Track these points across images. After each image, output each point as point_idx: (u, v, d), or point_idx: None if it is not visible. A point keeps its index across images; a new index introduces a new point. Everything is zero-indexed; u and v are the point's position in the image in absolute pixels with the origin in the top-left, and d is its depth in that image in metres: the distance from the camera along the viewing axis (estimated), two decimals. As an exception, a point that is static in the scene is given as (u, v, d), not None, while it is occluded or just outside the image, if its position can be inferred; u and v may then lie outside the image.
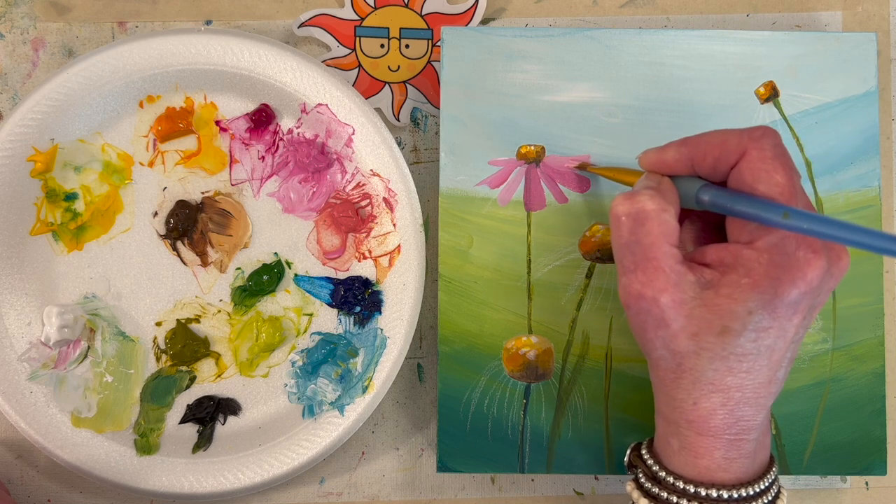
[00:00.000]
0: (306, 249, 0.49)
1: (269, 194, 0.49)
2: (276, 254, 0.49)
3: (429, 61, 0.50)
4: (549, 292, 0.47)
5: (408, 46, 0.50)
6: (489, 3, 0.50)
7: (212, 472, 0.47)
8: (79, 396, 0.48)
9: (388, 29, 0.50)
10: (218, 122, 0.49)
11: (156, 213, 0.49)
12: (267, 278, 0.49)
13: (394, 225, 0.48)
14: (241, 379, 0.49)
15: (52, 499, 0.49)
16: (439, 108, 0.48)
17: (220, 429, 0.48)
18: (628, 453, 0.43)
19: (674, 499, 0.38)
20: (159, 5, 0.50)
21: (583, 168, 0.46)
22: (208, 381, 0.49)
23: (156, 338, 0.49)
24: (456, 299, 0.46)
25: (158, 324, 0.49)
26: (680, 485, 0.38)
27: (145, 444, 0.48)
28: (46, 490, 0.49)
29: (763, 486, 0.38)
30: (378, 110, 0.50)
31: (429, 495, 0.50)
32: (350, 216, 0.49)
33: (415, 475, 0.50)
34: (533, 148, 0.47)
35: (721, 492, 0.37)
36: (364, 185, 0.49)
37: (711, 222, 0.41)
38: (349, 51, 0.50)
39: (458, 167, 0.47)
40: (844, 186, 0.47)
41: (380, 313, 0.48)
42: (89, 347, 0.48)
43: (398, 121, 0.50)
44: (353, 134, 0.48)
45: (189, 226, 0.49)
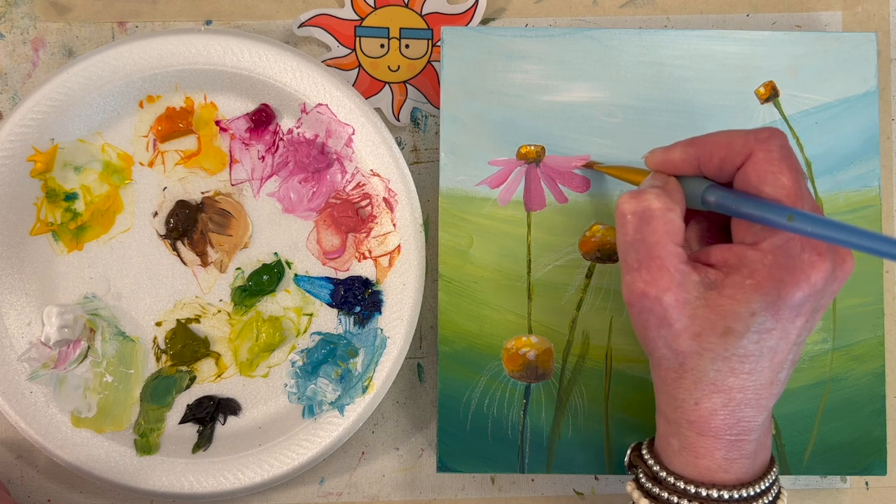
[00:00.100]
0: (306, 249, 0.49)
1: (269, 194, 0.49)
2: (276, 254, 0.49)
3: (429, 61, 0.50)
4: (549, 292, 0.47)
5: (408, 46, 0.50)
6: (489, 3, 0.50)
7: (212, 472, 0.47)
8: (79, 396, 0.48)
9: (388, 29, 0.50)
10: (218, 122, 0.49)
11: (156, 213, 0.49)
12: (267, 278, 0.49)
13: (394, 225, 0.48)
14: (241, 379, 0.49)
15: (52, 499, 0.49)
16: (439, 108, 0.48)
17: (220, 429, 0.48)
18: (628, 453, 0.43)
19: (674, 499, 0.38)
20: (159, 5, 0.50)
21: (590, 167, 0.46)
22: (208, 381, 0.49)
23: (156, 338, 0.49)
24: (456, 299, 0.46)
25: (158, 324, 0.49)
26: (680, 485, 0.38)
27: (145, 444, 0.47)
28: (46, 490, 0.49)
29: (763, 487, 0.38)
30: (378, 110, 0.50)
31: (429, 495, 0.50)
32: (350, 216, 0.49)
33: (415, 475, 0.50)
34: (533, 148, 0.47)
35: (721, 492, 0.37)
36: (364, 185, 0.49)
37: (717, 222, 0.41)
38: (349, 51, 0.50)
39: (458, 167, 0.47)
40: (844, 186, 0.47)
41: (380, 313, 0.48)
42: (89, 347, 0.48)
43: (398, 121, 0.50)
44: (353, 134, 0.48)
45: (189, 226, 0.49)
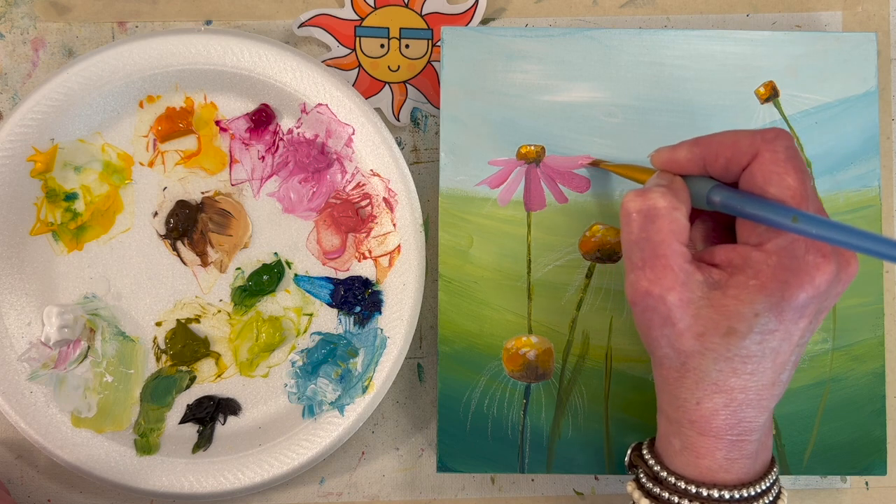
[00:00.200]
0: (306, 249, 0.49)
1: (269, 194, 0.49)
2: (276, 254, 0.49)
3: (429, 61, 0.50)
4: (549, 292, 0.47)
5: (408, 46, 0.50)
6: (489, 3, 0.50)
7: (212, 472, 0.47)
8: (79, 396, 0.48)
9: (388, 29, 0.50)
10: (218, 122, 0.49)
11: (156, 213, 0.49)
12: (267, 278, 0.49)
13: (394, 225, 0.48)
14: (241, 379, 0.49)
15: (52, 499, 0.49)
16: (439, 108, 0.48)
17: (220, 429, 0.48)
18: (629, 453, 0.43)
19: (675, 499, 0.38)
20: (159, 5, 0.50)
21: (596, 164, 0.46)
22: (208, 381, 0.49)
23: (156, 338, 0.49)
24: (456, 299, 0.46)
25: (158, 324, 0.49)
26: (681, 485, 0.38)
27: (145, 444, 0.47)
28: (46, 490, 0.49)
29: (764, 487, 0.38)
30: (378, 110, 0.50)
31: (429, 495, 0.50)
32: (350, 216, 0.49)
33: (415, 475, 0.50)
34: (533, 148, 0.47)
35: (722, 492, 0.37)
36: (364, 185, 0.49)
37: (722, 222, 0.41)
38: (349, 51, 0.50)
39: (458, 167, 0.47)
40: (844, 186, 0.47)
41: (380, 313, 0.48)
42: (89, 347, 0.48)
43: (398, 121, 0.50)
44: (353, 134, 0.48)
45: (189, 226, 0.49)
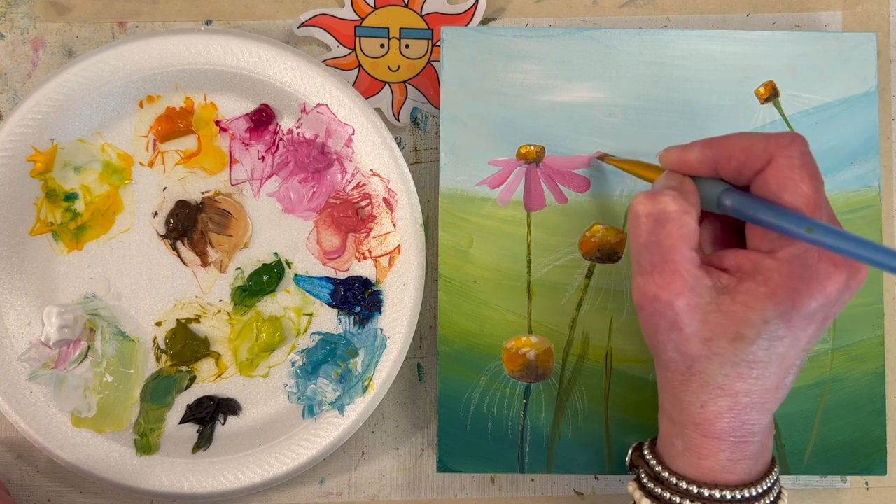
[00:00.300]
0: (306, 249, 0.49)
1: (269, 194, 0.49)
2: (276, 254, 0.49)
3: (429, 61, 0.50)
4: (549, 292, 0.47)
5: (408, 46, 0.50)
6: (489, 3, 0.50)
7: (212, 472, 0.47)
8: (79, 396, 0.48)
9: (388, 29, 0.50)
10: (218, 122, 0.49)
11: (156, 213, 0.49)
12: (267, 278, 0.49)
13: (394, 225, 0.48)
14: (241, 379, 0.49)
15: (52, 499, 0.49)
16: (439, 108, 0.48)
17: (220, 429, 0.48)
18: (630, 453, 0.42)
19: (676, 499, 0.38)
20: (159, 5, 0.50)
21: (602, 158, 0.46)
22: (208, 381, 0.49)
23: (156, 338, 0.49)
24: (456, 299, 0.46)
25: (158, 324, 0.49)
26: (683, 485, 0.38)
27: (145, 444, 0.47)
28: (46, 490, 0.49)
29: (765, 487, 0.38)
30: (378, 110, 0.50)
31: (429, 495, 0.50)
32: (350, 216, 0.49)
33: (415, 475, 0.50)
34: (533, 148, 0.47)
35: (724, 492, 0.37)
36: (364, 185, 0.49)
37: (729, 223, 0.40)
38: (349, 51, 0.50)
39: (458, 167, 0.47)
40: (844, 186, 0.47)
41: (380, 313, 0.48)
42: (89, 347, 0.48)
43: (398, 121, 0.50)
44: (353, 134, 0.48)
45: (189, 226, 0.49)
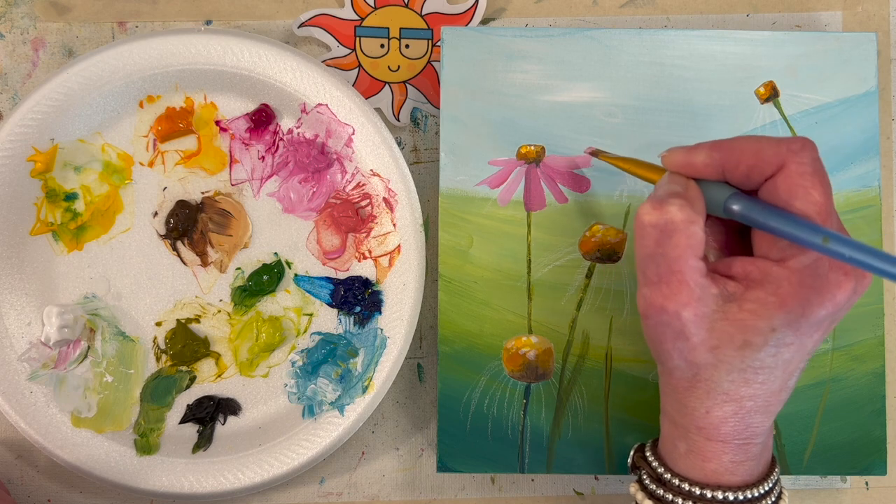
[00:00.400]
0: (306, 249, 0.49)
1: (269, 194, 0.49)
2: (276, 254, 0.49)
3: (429, 61, 0.50)
4: (549, 292, 0.47)
5: (408, 46, 0.50)
6: (489, 3, 0.50)
7: (212, 472, 0.47)
8: (79, 396, 0.48)
9: (388, 29, 0.50)
10: (218, 122, 0.49)
11: (156, 213, 0.49)
12: (267, 278, 0.49)
13: (394, 225, 0.48)
14: (241, 379, 0.49)
15: (52, 499, 0.49)
16: (439, 108, 0.48)
17: (220, 429, 0.48)
18: (632, 455, 0.42)
19: (679, 500, 0.38)
20: (159, 5, 0.50)
21: (595, 154, 0.45)
22: (208, 381, 0.49)
23: (156, 338, 0.49)
24: (456, 299, 0.46)
25: (158, 324, 0.49)
26: (686, 487, 0.38)
27: (145, 444, 0.47)
28: (46, 490, 0.49)
29: (767, 488, 0.38)
30: (378, 110, 0.50)
31: (429, 495, 0.50)
32: (350, 216, 0.49)
33: (415, 475, 0.50)
34: (533, 148, 0.47)
35: (727, 493, 0.37)
36: (364, 185, 0.49)
37: (734, 227, 0.39)
38: (349, 51, 0.50)
39: (458, 167, 0.47)
40: (844, 186, 0.47)
41: (380, 313, 0.48)
42: (89, 347, 0.48)
43: (398, 121, 0.50)
44: (353, 134, 0.48)
45: (189, 226, 0.49)
